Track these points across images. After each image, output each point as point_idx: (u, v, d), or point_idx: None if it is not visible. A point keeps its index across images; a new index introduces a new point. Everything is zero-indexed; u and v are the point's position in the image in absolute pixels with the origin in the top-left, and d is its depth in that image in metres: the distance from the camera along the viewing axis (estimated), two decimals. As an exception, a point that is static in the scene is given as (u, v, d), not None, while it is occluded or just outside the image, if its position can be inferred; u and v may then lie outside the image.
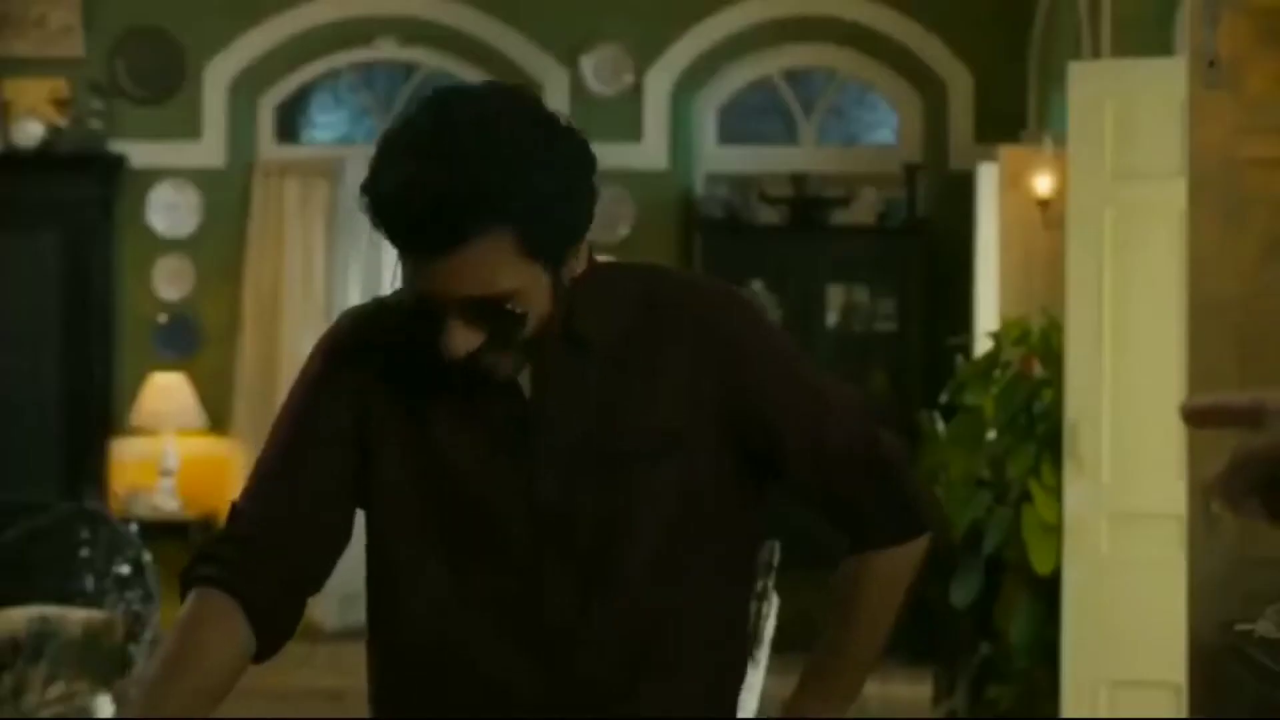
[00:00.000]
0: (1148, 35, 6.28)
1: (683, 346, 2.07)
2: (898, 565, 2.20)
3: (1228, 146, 4.14)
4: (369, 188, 1.93)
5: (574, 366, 2.06)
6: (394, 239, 1.93)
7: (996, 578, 6.02)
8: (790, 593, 2.39)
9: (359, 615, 2.32)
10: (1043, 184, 7.11)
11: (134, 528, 6.39)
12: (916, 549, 2.20)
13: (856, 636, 2.23)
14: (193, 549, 2.05)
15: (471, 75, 8.92)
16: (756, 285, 8.97)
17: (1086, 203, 5.53)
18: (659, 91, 9.15)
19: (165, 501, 8.82)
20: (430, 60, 9.37)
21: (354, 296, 8.98)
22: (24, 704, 4.83)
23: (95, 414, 9.03)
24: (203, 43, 9.19)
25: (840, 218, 9.01)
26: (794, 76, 9.55)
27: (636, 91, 9.12)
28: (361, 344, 2.12)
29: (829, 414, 2.13)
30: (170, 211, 9.22)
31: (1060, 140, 6.28)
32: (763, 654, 2.50)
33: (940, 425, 6.72)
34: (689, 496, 2.07)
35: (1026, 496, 5.81)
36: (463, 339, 1.94)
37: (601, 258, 2.12)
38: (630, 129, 9.03)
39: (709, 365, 2.07)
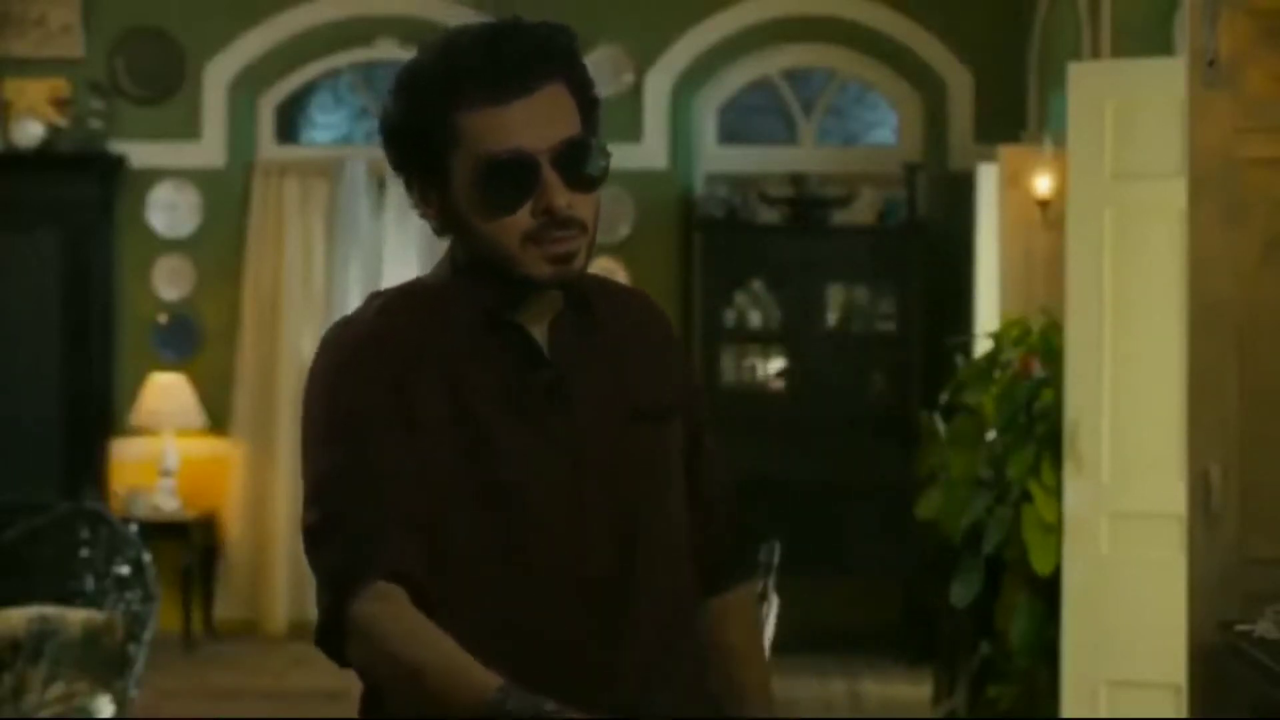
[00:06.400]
0: (1148, 35, 6.28)
1: (654, 334, 2.23)
2: (755, 601, 2.38)
3: (1228, 146, 4.14)
4: (439, 60, 2.04)
5: (586, 336, 2.13)
6: (485, 80, 2.02)
7: (996, 578, 6.02)
8: (790, 593, 2.39)
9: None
10: (1043, 184, 7.11)
11: (134, 528, 6.38)
12: (752, 591, 2.37)
13: (761, 670, 2.32)
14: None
15: (471, 75, 8.92)
16: (756, 285, 8.97)
17: (1086, 203, 5.53)
18: (659, 91, 9.16)
19: (165, 501, 8.82)
20: (430, 60, 9.38)
21: (354, 296, 8.97)
22: (24, 704, 4.83)
23: (95, 414, 9.03)
24: (203, 43, 9.19)
25: (840, 218, 9.01)
26: (794, 76, 9.55)
27: (636, 91, 9.13)
28: (391, 332, 2.10)
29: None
30: (170, 211, 9.22)
31: (1060, 140, 6.28)
32: (763, 654, 2.51)
33: (940, 425, 6.72)
34: (679, 463, 2.20)
35: (1026, 496, 5.81)
36: (561, 192, 2.03)
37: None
38: (630, 129, 9.03)
39: (673, 357, 2.24)
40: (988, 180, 7.86)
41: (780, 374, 9.10)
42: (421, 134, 2.05)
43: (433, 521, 2.02)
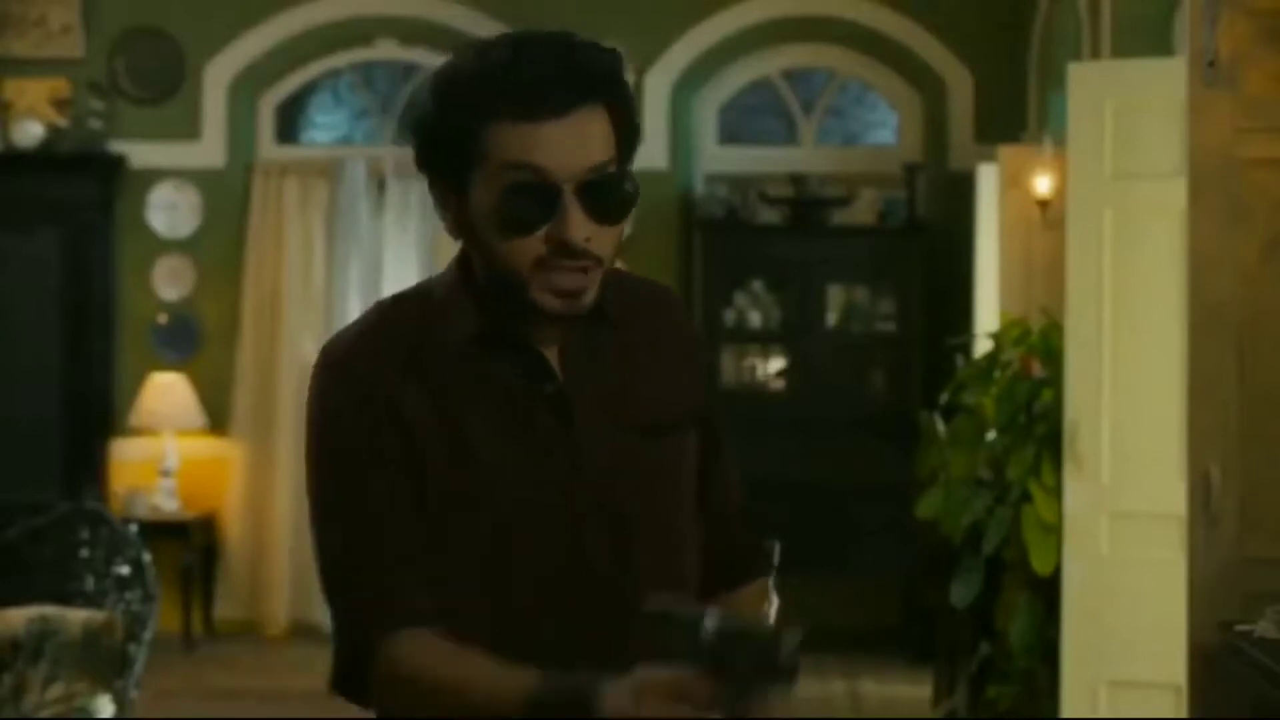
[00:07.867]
0: (1148, 35, 6.29)
1: (675, 335, 2.20)
2: (765, 595, 2.31)
3: (1228, 146, 4.14)
4: (476, 67, 1.97)
5: (597, 341, 2.10)
6: (518, 95, 1.95)
7: (996, 578, 6.02)
8: (790, 593, 2.39)
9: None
10: (1043, 184, 7.12)
11: (134, 528, 6.38)
12: (767, 585, 2.32)
13: None
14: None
15: (471, 75, 8.92)
16: (756, 285, 8.97)
17: (1086, 203, 5.53)
18: (659, 91, 9.16)
19: (165, 502, 8.82)
20: (430, 60, 9.36)
21: (354, 296, 8.98)
22: (24, 704, 4.83)
23: (95, 414, 9.03)
24: (203, 43, 9.19)
25: (840, 218, 9.01)
26: (794, 76, 9.55)
27: (637, 92, 9.12)
28: (375, 355, 2.07)
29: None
30: (170, 211, 9.22)
31: (1060, 140, 6.28)
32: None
33: (940, 425, 6.72)
34: (690, 472, 2.17)
35: (1026, 496, 5.81)
36: (580, 224, 1.98)
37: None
38: (630, 129, 9.02)
39: (693, 359, 2.21)
40: (988, 180, 7.86)
41: (780, 374, 9.10)
42: (449, 139, 2.00)
43: (431, 543, 2.03)
